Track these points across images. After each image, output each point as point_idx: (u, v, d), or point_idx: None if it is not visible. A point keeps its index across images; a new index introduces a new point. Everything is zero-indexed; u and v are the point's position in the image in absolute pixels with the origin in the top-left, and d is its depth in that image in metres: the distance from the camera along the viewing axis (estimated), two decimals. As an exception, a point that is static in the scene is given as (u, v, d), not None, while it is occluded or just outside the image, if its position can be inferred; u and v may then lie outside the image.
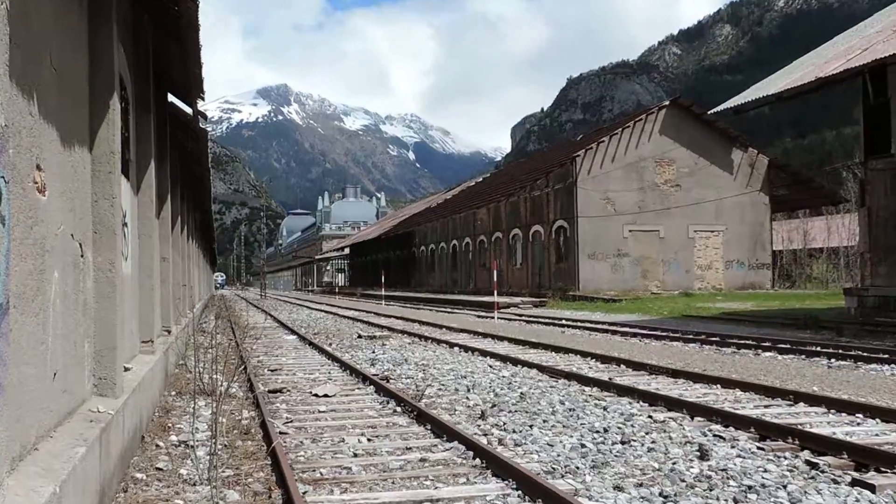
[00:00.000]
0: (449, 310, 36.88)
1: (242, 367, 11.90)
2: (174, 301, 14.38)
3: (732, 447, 7.39)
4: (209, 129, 14.23)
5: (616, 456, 7.12)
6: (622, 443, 7.59)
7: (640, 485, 6.19)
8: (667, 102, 43.47)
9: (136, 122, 10.19)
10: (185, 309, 18.10)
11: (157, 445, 7.59)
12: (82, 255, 5.85)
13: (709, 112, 29.26)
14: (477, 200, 57.09)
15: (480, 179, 79.09)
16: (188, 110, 12.22)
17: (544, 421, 8.65)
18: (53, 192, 5.00)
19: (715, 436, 7.86)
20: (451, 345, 17.28)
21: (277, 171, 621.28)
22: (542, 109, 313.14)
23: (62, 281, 5.24)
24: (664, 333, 18.94)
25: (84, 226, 5.98)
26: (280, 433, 8.15)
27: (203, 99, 10.15)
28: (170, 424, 8.58)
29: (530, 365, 13.20)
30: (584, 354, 14.81)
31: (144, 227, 10.40)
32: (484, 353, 15.40)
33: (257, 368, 13.70)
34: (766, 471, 6.54)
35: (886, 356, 13.15)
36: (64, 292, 5.28)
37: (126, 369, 7.84)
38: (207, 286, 55.65)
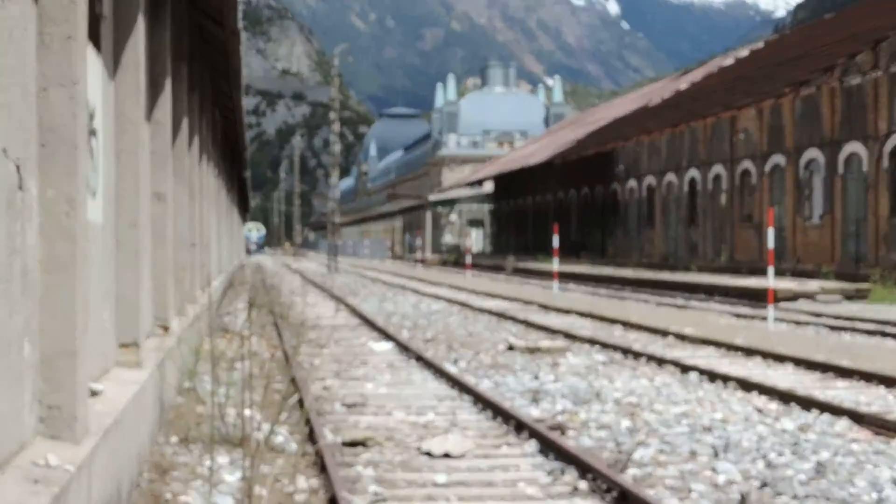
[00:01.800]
0: (680, 301, 36.61)
1: (296, 396, 12.14)
2: (176, 273, 14.63)
3: None
4: (241, -43, 14.45)
5: None
6: None
7: None
8: None
9: (112, -55, 10.24)
10: (194, 288, 18.51)
11: (148, 533, 7.88)
12: (20, 187, 6.06)
13: None
14: (737, 95, 56.11)
15: (746, 54, 77.31)
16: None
17: (862, 517, 8.52)
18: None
19: None
20: (684, 368, 17.27)
21: (361, 36, 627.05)
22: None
23: (-14, 232, 5.27)
24: None
25: (24, 135, 6.16)
26: (365, 522, 8.30)
27: None
28: (169, 495, 8.85)
29: (835, 410, 13.03)
30: (942, 393, 14.42)
31: (126, 139, 10.62)
32: (746, 386, 15.30)
33: (322, 401, 14.09)
34: None
35: None
36: (-11, 252, 5.33)
37: (94, 393, 7.98)
38: (234, 247, 57.69)
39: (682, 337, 22.49)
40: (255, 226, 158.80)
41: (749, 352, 19.61)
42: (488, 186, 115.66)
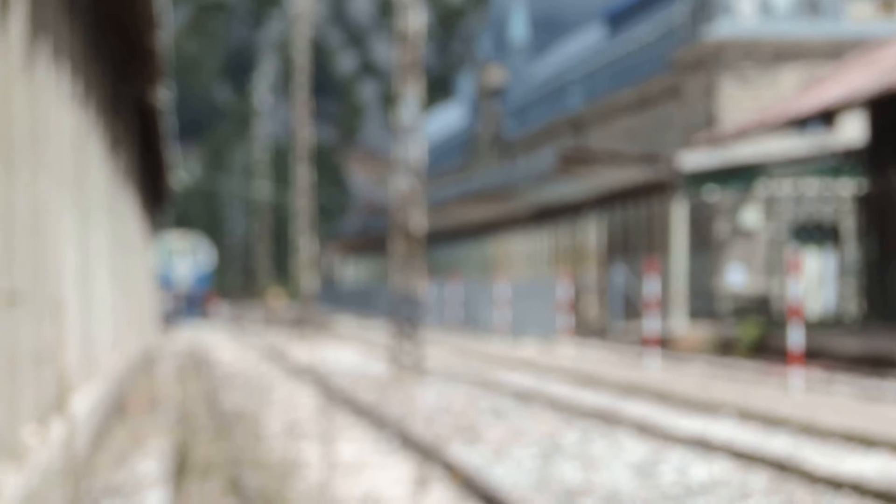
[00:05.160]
0: None
1: None
2: None
3: None
4: None
5: None
6: None
7: None
8: None
9: None
10: (17, 421, 9.57)
11: None
12: None
13: None
14: None
15: None
16: None
17: None
18: None
19: None
20: None
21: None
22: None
23: None
24: None
25: None
26: None
27: None
28: None
29: None
30: None
31: None
32: None
33: None
34: None
35: None
36: None
37: None
38: (130, 305, 28.62)
39: None
40: (187, 243, 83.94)
41: None
42: (850, 129, 55.85)
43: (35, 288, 10.96)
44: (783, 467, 15.51)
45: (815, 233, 59.32)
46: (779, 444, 18.20)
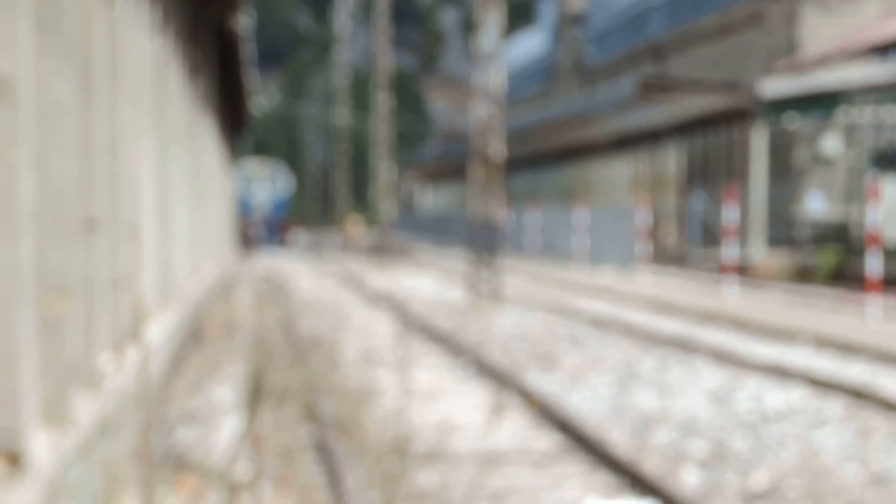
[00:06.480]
0: None
1: None
2: (42, 307, 6.94)
3: None
4: None
5: None
6: None
7: None
8: None
9: None
10: (95, 348, 9.06)
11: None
12: None
13: None
14: None
15: None
16: None
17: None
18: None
19: None
20: None
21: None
22: None
23: None
24: None
25: None
26: None
27: None
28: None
29: None
30: None
31: None
32: None
33: None
34: None
35: None
36: None
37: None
38: (208, 232, 30.20)
39: None
40: (265, 170, 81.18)
41: None
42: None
43: (113, 215, 10.73)
44: (859, 395, 15.29)
45: (895, 160, 55.48)
46: (855, 372, 17.90)
